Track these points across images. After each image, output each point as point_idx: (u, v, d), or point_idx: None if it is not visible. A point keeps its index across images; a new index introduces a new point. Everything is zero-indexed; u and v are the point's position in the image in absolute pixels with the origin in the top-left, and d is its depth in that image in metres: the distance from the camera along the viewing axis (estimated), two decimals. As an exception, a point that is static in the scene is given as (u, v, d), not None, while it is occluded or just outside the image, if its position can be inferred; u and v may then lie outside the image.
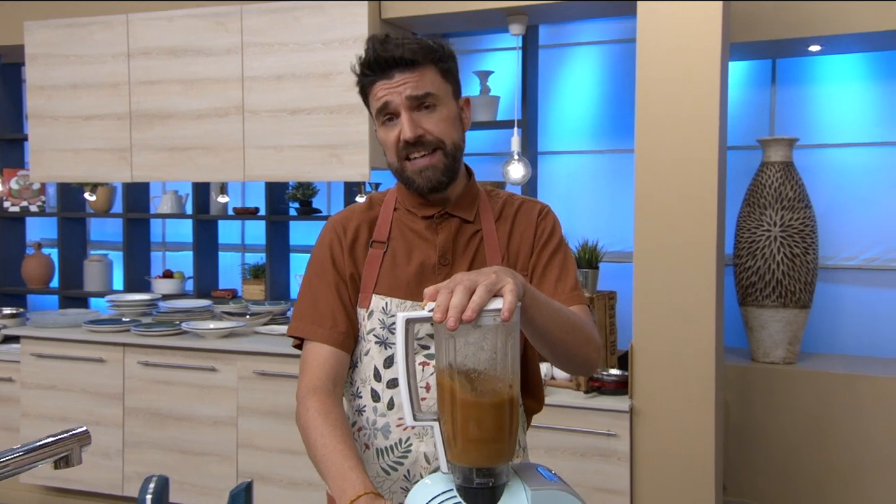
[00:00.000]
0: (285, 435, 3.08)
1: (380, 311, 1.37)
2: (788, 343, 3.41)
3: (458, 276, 0.97)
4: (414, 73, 1.31)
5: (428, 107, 1.33)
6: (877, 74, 3.63)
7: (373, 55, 1.32)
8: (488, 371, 0.91)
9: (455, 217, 1.40)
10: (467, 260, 1.39)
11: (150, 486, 0.80)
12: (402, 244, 1.40)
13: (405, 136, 1.32)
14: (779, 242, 3.35)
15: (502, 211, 1.45)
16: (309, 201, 4.08)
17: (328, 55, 3.10)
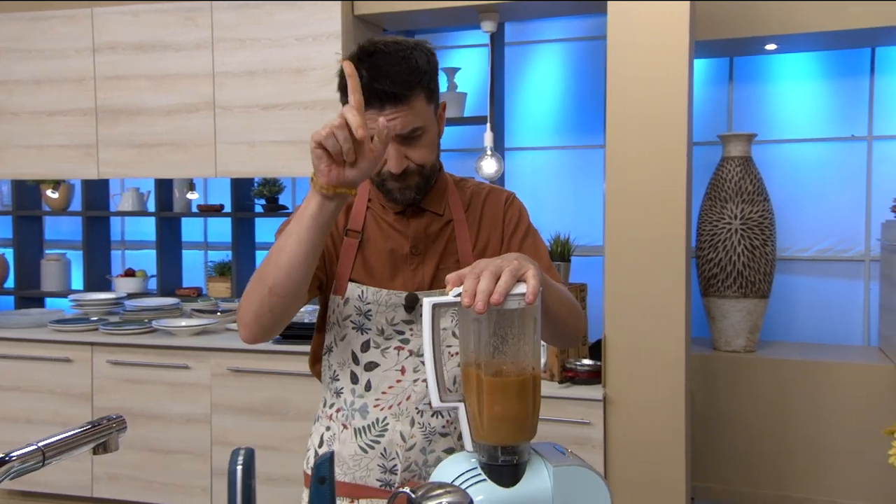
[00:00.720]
0: (261, 431, 3.08)
1: (356, 298, 1.41)
2: (749, 332, 3.54)
3: (481, 263, 1.00)
4: (404, 107, 1.31)
5: (415, 137, 1.35)
6: (829, 72, 3.78)
7: (365, 84, 1.28)
8: (512, 352, 0.95)
9: (426, 210, 1.45)
10: (438, 250, 1.44)
11: (239, 458, 0.82)
12: (377, 235, 1.44)
13: (392, 169, 1.34)
14: (739, 235, 3.47)
15: (471, 201, 1.49)
16: (275, 198, 4.07)
17: (302, 51, 3.10)
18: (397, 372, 1.40)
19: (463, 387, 0.98)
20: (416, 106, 1.34)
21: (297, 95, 3.11)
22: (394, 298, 1.41)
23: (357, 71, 1.29)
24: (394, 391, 1.40)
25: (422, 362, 1.40)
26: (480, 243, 1.46)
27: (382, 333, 1.42)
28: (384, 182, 1.38)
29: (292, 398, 3.06)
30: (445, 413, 1.40)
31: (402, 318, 1.41)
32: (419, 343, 1.41)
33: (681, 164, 2.69)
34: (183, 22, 3.24)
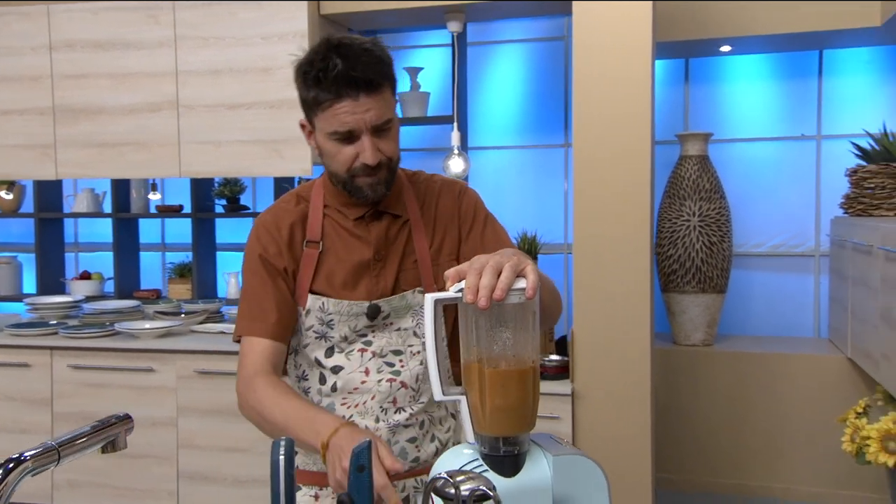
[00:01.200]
0: (229, 433, 3.06)
1: (317, 309, 1.41)
2: (707, 326, 3.64)
3: (480, 258, 1.02)
4: (377, 97, 1.32)
5: (385, 129, 1.35)
6: (780, 74, 3.91)
7: (342, 73, 1.28)
8: (512, 345, 0.98)
9: (385, 213, 1.45)
10: (398, 251, 1.44)
11: (280, 448, 0.83)
12: (337, 243, 1.43)
13: (368, 161, 1.34)
14: (697, 231, 3.57)
15: (425, 198, 1.49)
16: (237, 198, 4.03)
17: (267, 50, 3.09)
18: (361, 373, 1.42)
19: (464, 380, 1.00)
20: (386, 96, 1.34)
21: (263, 95, 3.10)
22: (355, 308, 1.41)
23: (329, 60, 1.30)
24: (359, 391, 1.42)
25: (385, 363, 1.42)
26: (436, 241, 1.47)
27: (346, 339, 1.43)
28: (354, 179, 1.37)
29: (260, 399, 3.03)
30: (408, 408, 1.42)
31: (365, 324, 1.42)
32: (382, 344, 1.43)
33: (645, 163, 2.76)
34: (144, 20, 3.20)
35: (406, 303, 1.44)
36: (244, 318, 1.42)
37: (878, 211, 3.37)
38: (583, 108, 2.79)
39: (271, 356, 1.38)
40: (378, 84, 1.31)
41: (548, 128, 4.07)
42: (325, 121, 1.35)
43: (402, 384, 1.43)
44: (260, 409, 1.30)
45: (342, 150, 1.35)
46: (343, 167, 1.37)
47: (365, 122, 1.32)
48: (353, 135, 1.33)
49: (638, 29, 2.74)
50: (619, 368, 2.81)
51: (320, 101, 1.33)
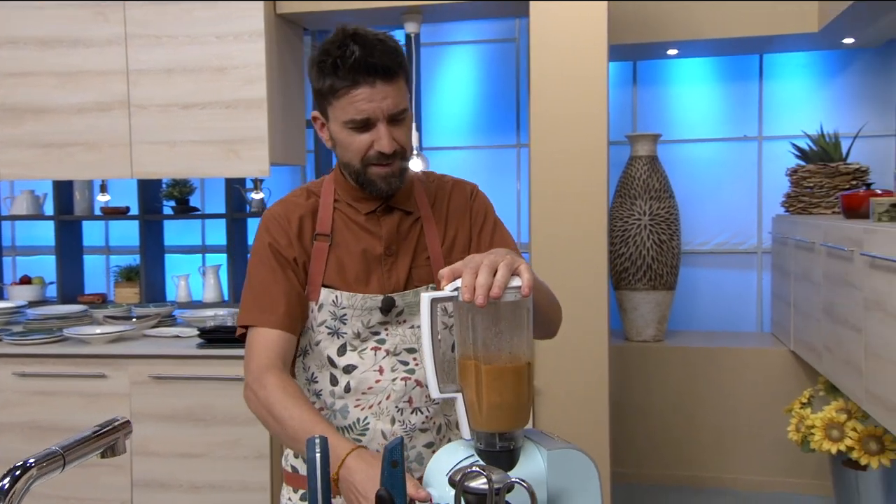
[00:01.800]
0: (185, 439, 2.99)
1: (330, 303, 1.40)
2: (657, 322, 3.74)
3: (475, 257, 1.03)
4: (393, 85, 1.32)
5: (400, 119, 1.35)
6: (724, 76, 4.04)
7: (360, 59, 1.28)
8: (508, 342, 1.00)
9: (396, 209, 1.45)
10: (410, 247, 1.44)
11: (316, 446, 0.82)
12: (347, 237, 1.43)
13: (383, 149, 1.33)
14: (648, 230, 3.66)
15: (436, 195, 1.50)
16: (186, 199, 3.96)
17: (222, 49, 3.03)
18: (375, 372, 1.41)
19: (460, 377, 1.02)
20: (401, 86, 1.34)
21: (218, 94, 3.04)
22: (369, 302, 1.40)
23: (347, 48, 1.30)
24: (373, 391, 1.40)
25: (399, 361, 1.41)
26: (448, 238, 1.48)
27: (359, 336, 1.41)
28: (367, 170, 1.37)
29: (217, 403, 2.99)
30: (424, 409, 1.42)
31: (378, 320, 1.41)
32: (395, 342, 1.42)
33: (601, 163, 2.81)
34: (93, 17, 3.10)
35: (419, 299, 1.43)
36: (251, 309, 1.39)
37: (817, 209, 3.51)
38: (539, 108, 2.83)
39: (281, 348, 1.36)
40: (394, 72, 1.32)
41: (500, 128, 4.11)
42: (340, 109, 1.34)
43: (417, 382, 1.41)
44: (269, 408, 1.29)
45: (357, 139, 1.35)
46: (357, 156, 1.37)
47: (382, 110, 1.32)
48: (369, 122, 1.33)
49: (593, 30, 2.79)
50: (578, 365, 2.87)
51: (336, 88, 1.32)
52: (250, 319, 1.39)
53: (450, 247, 1.47)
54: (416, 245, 1.45)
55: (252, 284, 1.42)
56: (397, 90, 1.33)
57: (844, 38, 3.59)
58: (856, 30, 3.42)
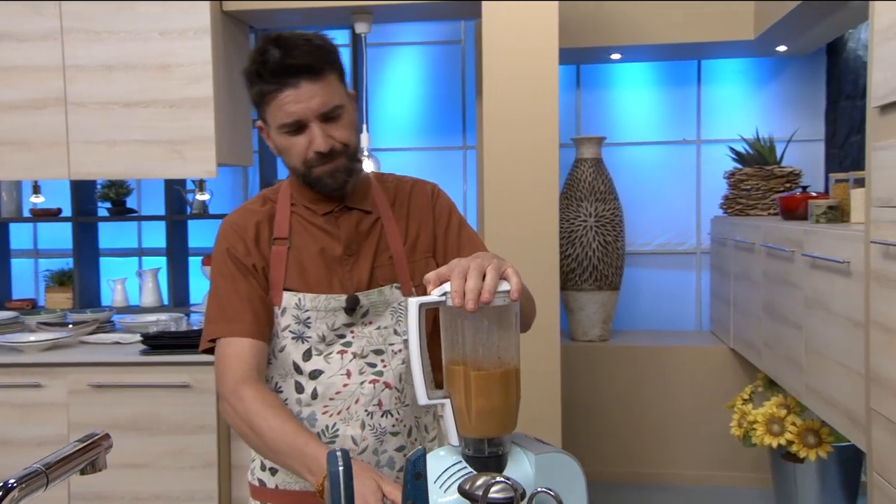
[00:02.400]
0: (127, 449, 2.89)
1: (293, 307, 1.38)
2: (603, 322, 3.80)
3: (461, 262, 1.02)
4: (320, 83, 1.31)
5: (335, 116, 1.34)
6: (664, 81, 4.13)
7: (279, 61, 1.29)
8: (496, 347, 0.99)
9: (353, 209, 1.44)
10: (371, 247, 1.43)
11: (338, 460, 0.79)
12: (306, 239, 1.41)
13: (319, 148, 1.32)
14: (594, 231, 3.72)
15: (396, 195, 1.50)
16: (122, 201, 3.83)
17: (166, 46, 2.94)
18: (343, 376, 1.38)
19: (447, 383, 1.01)
20: (332, 82, 1.33)
21: (162, 93, 2.95)
22: (333, 303, 1.38)
23: (267, 52, 1.30)
24: (341, 396, 1.38)
25: (367, 363, 1.39)
26: (410, 238, 1.47)
27: (324, 340, 1.39)
28: (311, 171, 1.36)
29: (161, 412, 2.90)
30: (394, 412, 1.40)
31: (343, 321, 1.39)
32: (362, 344, 1.40)
33: (552, 164, 2.84)
34: (24, 10, 2.97)
35: (384, 298, 1.41)
36: (217, 320, 1.37)
37: (754, 211, 3.63)
38: (491, 109, 2.84)
39: (254, 358, 1.34)
40: (318, 70, 1.31)
41: (446, 130, 4.11)
42: (272, 115, 1.34)
43: (386, 384, 1.40)
44: (248, 421, 1.26)
45: (294, 142, 1.34)
46: (299, 160, 1.36)
47: (311, 110, 1.31)
48: (301, 124, 1.32)
49: (544, 31, 2.81)
50: (531, 366, 2.88)
51: (264, 94, 1.33)
52: (218, 331, 1.36)
53: (412, 246, 1.47)
54: (378, 245, 1.44)
55: (216, 296, 1.39)
56: (326, 88, 1.32)
57: (778, 45, 3.72)
58: (789, 38, 3.55)
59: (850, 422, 2.17)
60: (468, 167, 4.10)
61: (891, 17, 1.78)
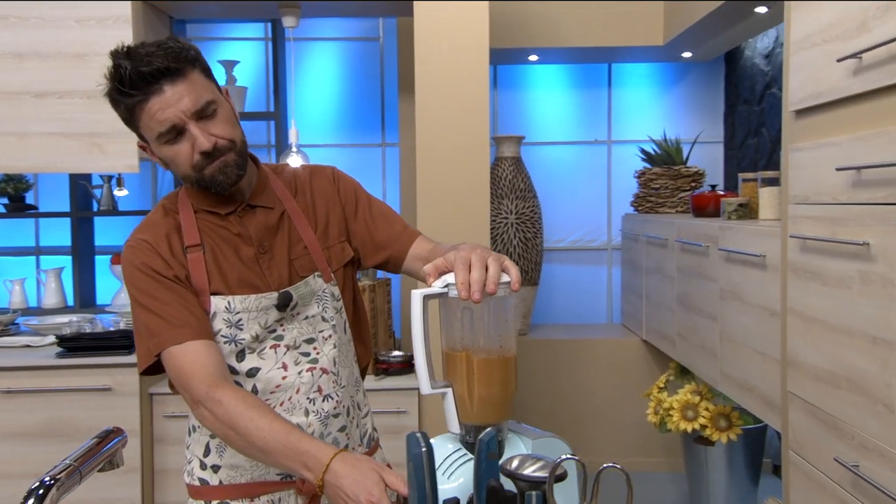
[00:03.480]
0: (41, 457, 2.76)
1: (223, 311, 1.36)
2: (523, 317, 3.90)
3: (460, 254, 1.03)
4: (183, 83, 1.28)
5: (210, 113, 1.32)
6: (578, 83, 4.28)
7: (133, 71, 1.25)
8: (497, 336, 1.03)
9: (257, 206, 1.43)
10: (283, 241, 1.43)
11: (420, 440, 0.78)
12: (218, 243, 1.40)
13: (203, 148, 1.30)
14: (514, 228, 3.81)
15: (296, 186, 1.49)
16: (21, 196, 3.63)
17: (84, 34, 2.81)
18: (280, 370, 1.39)
19: (448, 372, 1.04)
20: (196, 80, 1.30)
21: (78, 83, 2.82)
22: (264, 301, 1.38)
23: (119, 67, 1.27)
24: (282, 388, 1.39)
25: (300, 353, 1.40)
26: (321, 225, 1.47)
27: (257, 338, 1.39)
28: (202, 173, 1.33)
29: (78, 416, 2.78)
30: (334, 395, 1.42)
31: (275, 318, 1.39)
32: (293, 336, 1.41)
33: (484, 162, 2.90)
34: (-78, -9, 2.77)
35: (310, 289, 1.42)
36: (160, 332, 1.30)
37: (663, 208, 3.81)
38: (425, 108, 2.87)
39: (214, 358, 1.30)
40: (177, 70, 1.28)
41: (365, 127, 4.11)
42: (146, 128, 1.31)
43: (323, 370, 1.41)
44: (231, 423, 1.23)
45: (178, 151, 1.31)
46: (187, 166, 1.33)
47: (183, 111, 1.28)
48: (178, 129, 1.29)
49: (475, 30, 2.86)
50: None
51: (131, 108, 1.29)
52: (165, 341, 1.30)
53: (324, 233, 1.47)
54: (290, 238, 1.44)
55: (149, 312, 1.32)
56: (191, 86, 1.29)
57: (684, 52, 3.92)
58: (694, 45, 3.75)
59: (765, 405, 2.33)
60: (387, 165, 4.12)
61: (806, 29, 1.92)
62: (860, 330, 1.66)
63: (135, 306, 1.34)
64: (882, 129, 1.59)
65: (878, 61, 1.59)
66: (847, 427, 1.73)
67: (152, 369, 1.34)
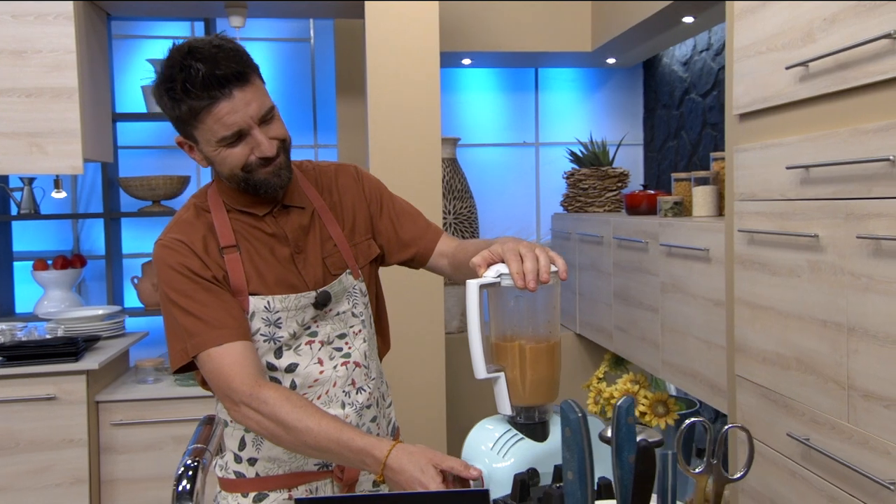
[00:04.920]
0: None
1: (262, 310, 1.38)
2: (462, 314, 3.97)
3: (508, 245, 1.09)
4: (250, 88, 1.30)
5: (270, 118, 1.35)
6: (508, 87, 4.40)
7: (208, 74, 1.26)
8: (545, 322, 1.10)
9: (290, 207, 1.45)
10: (316, 240, 1.46)
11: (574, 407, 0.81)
12: (253, 244, 1.41)
13: (266, 154, 1.32)
14: (453, 229, 3.88)
15: (322, 184, 1.53)
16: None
17: (22, 30, 2.69)
18: (316, 365, 1.42)
19: (498, 358, 1.10)
20: (258, 85, 1.34)
21: (16, 81, 2.69)
22: (302, 301, 1.41)
23: (190, 68, 1.26)
24: (319, 383, 1.42)
25: (334, 349, 1.44)
26: (347, 223, 1.51)
27: (294, 336, 1.42)
28: (252, 175, 1.34)
29: (22, 428, 2.66)
30: (366, 386, 1.46)
31: (312, 315, 1.43)
32: (327, 332, 1.44)
33: (436, 163, 2.95)
34: None
35: (342, 286, 1.46)
36: (196, 334, 1.30)
37: (591, 208, 3.98)
38: (377, 110, 2.90)
39: (253, 359, 1.31)
40: (246, 75, 1.30)
41: (296, 129, 4.09)
42: (207, 130, 1.31)
43: (356, 364, 1.45)
44: (281, 422, 1.24)
45: (234, 153, 1.33)
46: (238, 167, 1.34)
47: (250, 117, 1.30)
48: (242, 133, 1.31)
49: (426, 31, 2.91)
50: (418, 360, 2.98)
51: (197, 111, 1.29)
52: (201, 343, 1.30)
53: (351, 230, 1.51)
54: (320, 236, 1.47)
55: (187, 314, 1.32)
56: (257, 91, 1.32)
57: (609, 58, 4.10)
58: (621, 52, 3.93)
59: (710, 389, 2.49)
60: (321, 166, 4.10)
61: (750, 38, 2.09)
62: (810, 315, 1.82)
63: (170, 307, 1.33)
64: (830, 131, 1.75)
65: (825, 69, 1.75)
66: (797, 404, 1.89)
67: (184, 368, 1.34)
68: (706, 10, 3.09)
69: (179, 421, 2.80)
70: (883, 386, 1.58)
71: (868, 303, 1.61)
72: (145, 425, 2.80)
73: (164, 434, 2.82)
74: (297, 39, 4.09)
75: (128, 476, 2.76)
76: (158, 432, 2.81)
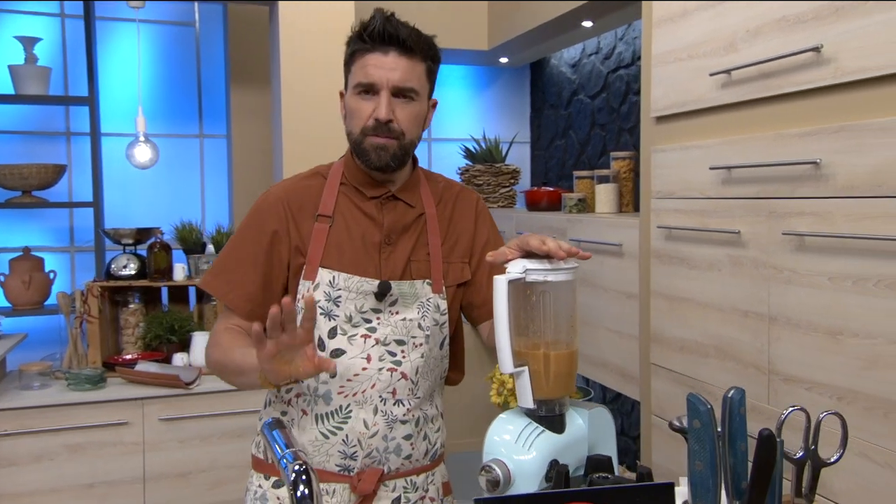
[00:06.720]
0: None
1: (326, 284, 1.40)
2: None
3: (522, 237, 1.11)
4: (407, 61, 1.38)
5: (406, 98, 1.39)
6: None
7: (380, 26, 1.36)
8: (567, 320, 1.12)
9: (400, 200, 1.48)
10: (410, 241, 1.47)
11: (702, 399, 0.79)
12: (349, 220, 1.44)
13: (379, 115, 1.37)
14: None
15: (442, 196, 1.55)
16: None
17: None
18: (363, 360, 1.40)
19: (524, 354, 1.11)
20: (418, 69, 1.40)
21: None
22: (365, 286, 1.40)
23: (374, 20, 1.38)
24: (359, 379, 1.40)
25: (387, 351, 1.42)
26: (450, 240, 1.52)
27: (350, 321, 1.40)
28: (364, 139, 1.39)
29: None
30: (406, 402, 1.44)
31: (371, 306, 1.41)
32: (386, 332, 1.42)
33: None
34: None
35: (414, 291, 1.44)
36: (222, 272, 1.46)
37: (486, 203, 4.05)
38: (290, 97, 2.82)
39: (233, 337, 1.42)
40: (410, 48, 1.38)
41: (178, 117, 3.88)
42: (353, 74, 1.40)
43: (403, 375, 1.42)
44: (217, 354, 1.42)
45: (361, 106, 1.38)
46: (359, 125, 1.39)
47: (388, 79, 1.36)
48: (373, 88, 1.37)
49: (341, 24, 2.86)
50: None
51: (354, 52, 1.40)
52: (219, 288, 1.46)
53: (451, 248, 1.52)
54: (417, 240, 1.48)
55: (233, 249, 1.46)
56: (410, 68, 1.38)
57: (502, 57, 4.19)
58: (515, 52, 4.03)
59: (622, 378, 2.61)
60: (206, 156, 3.92)
61: (668, 45, 2.21)
62: (731, 306, 1.96)
63: (236, 233, 1.48)
64: (751, 135, 1.88)
65: (748, 77, 1.89)
66: (716, 390, 2.02)
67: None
68: (605, 16, 3.22)
69: (72, 429, 2.60)
70: (803, 370, 1.72)
71: (790, 294, 1.75)
72: (32, 435, 2.57)
73: (55, 443, 2.60)
74: (180, 23, 3.88)
75: (13, 490, 2.53)
76: (48, 441, 2.59)
